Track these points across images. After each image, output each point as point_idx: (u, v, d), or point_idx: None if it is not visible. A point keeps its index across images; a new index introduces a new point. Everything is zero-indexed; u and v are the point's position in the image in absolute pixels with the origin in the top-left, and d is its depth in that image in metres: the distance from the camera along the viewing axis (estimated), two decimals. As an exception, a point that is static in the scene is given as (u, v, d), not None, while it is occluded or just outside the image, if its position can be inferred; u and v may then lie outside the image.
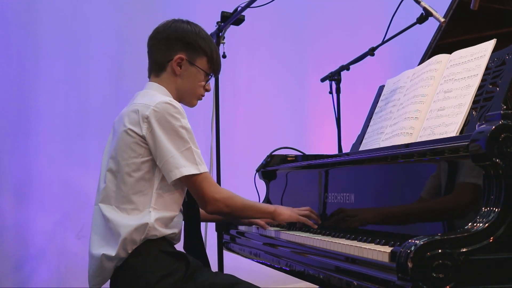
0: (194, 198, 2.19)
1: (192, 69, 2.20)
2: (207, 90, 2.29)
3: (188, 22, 2.24)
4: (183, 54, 2.17)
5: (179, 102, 2.21)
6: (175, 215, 2.05)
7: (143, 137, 1.99)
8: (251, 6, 2.74)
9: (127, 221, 1.97)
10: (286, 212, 2.23)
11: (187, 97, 2.24)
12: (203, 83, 2.24)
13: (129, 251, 1.96)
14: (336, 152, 3.19)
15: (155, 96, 2.07)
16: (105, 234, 2.02)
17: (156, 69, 2.20)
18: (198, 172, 2.01)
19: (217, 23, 2.89)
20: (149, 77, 2.24)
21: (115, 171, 2.05)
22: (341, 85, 3.16)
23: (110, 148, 2.11)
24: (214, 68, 2.27)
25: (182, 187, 2.08)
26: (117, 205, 2.02)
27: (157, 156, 1.99)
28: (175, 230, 2.06)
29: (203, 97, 2.30)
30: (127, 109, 2.08)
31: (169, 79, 2.19)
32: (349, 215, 2.05)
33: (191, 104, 2.28)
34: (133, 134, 2.01)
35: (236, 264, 3.28)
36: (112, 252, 1.97)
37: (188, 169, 1.98)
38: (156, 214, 1.98)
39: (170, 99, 2.05)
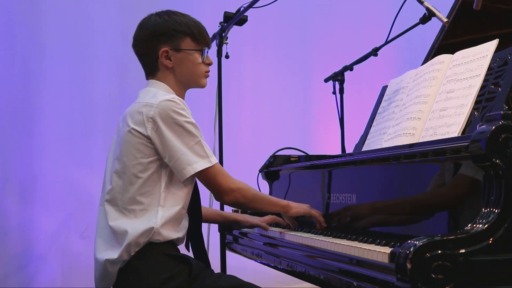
0: (198, 197, 2.20)
1: (181, 55, 2.14)
2: (209, 64, 2.23)
3: (156, 14, 2.20)
4: (165, 46, 2.13)
5: (188, 88, 2.20)
6: (183, 212, 2.05)
7: (148, 137, 1.98)
8: (254, 6, 2.74)
9: (133, 225, 1.95)
10: (299, 205, 2.24)
11: (192, 81, 2.20)
12: (199, 60, 2.18)
13: (132, 254, 1.95)
14: (339, 152, 3.19)
15: (157, 94, 2.05)
16: (109, 237, 2.01)
17: (150, 71, 2.18)
18: (211, 165, 2.01)
19: (220, 23, 2.89)
20: (147, 79, 2.21)
21: (121, 172, 2.02)
22: (345, 85, 3.16)
23: (115, 148, 2.10)
24: (202, 42, 2.19)
25: (190, 182, 2.07)
26: (124, 207, 2.00)
27: (166, 156, 1.97)
28: (179, 235, 2.04)
29: (209, 73, 2.23)
30: (131, 109, 2.07)
31: (166, 75, 2.15)
32: (351, 215, 2.05)
33: (201, 85, 2.22)
34: (137, 134, 1.99)
35: (240, 264, 3.27)
36: (114, 255, 1.95)
37: (201, 164, 1.98)
38: (164, 214, 1.97)
39: (172, 96, 2.03)
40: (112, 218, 2.01)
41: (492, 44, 1.92)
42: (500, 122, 1.38)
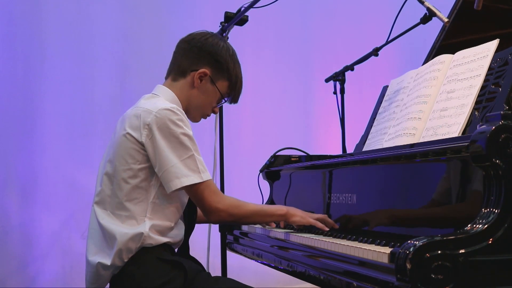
0: (193, 207, 2.17)
1: (210, 87, 2.15)
2: (214, 113, 2.25)
3: (225, 41, 2.21)
4: (208, 69, 2.12)
5: (186, 112, 2.16)
6: (172, 226, 2.01)
7: (142, 143, 1.95)
8: (255, 6, 2.73)
9: (122, 229, 1.93)
10: (299, 214, 2.16)
11: (194, 112, 2.19)
12: (214, 104, 2.20)
13: (125, 260, 1.93)
14: (340, 152, 3.19)
15: (159, 101, 2.02)
16: (99, 241, 1.99)
17: (177, 72, 2.15)
18: (201, 181, 1.95)
19: (221, 23, 2.89)
20: (166, 77, 2.19)
21: (111, 175, 2.00)
22: (346, 85, 3.16)
23: (109, 150, 2.07)
24: (232, 96, 2.22)
25: (181, 198, 2.04)
26: (112, 211, 1.98)
27: (157, 165, 1.93)
28: (170, 240, 2.01)
29: (208, 117, 2.26)
30: (130, 112, 2.04)
31: (185, 88, 2.13)
32: (351, 215, 2.05)
33: (194, 120, 2.23)
34: (132, 139, 1.96)
35: (241, 264, 3.27)
36: (107, 261, 1.93)
37: (189, 179, 1.93)
38: (153, 223, 1.94)
39: (172, 105, 2.00)
40: (101, 222, 1.99)
41: (493, 44, 1.92)
42: (500, 122, 1.38)
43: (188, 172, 1.94)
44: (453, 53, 2.12)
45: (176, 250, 2.13)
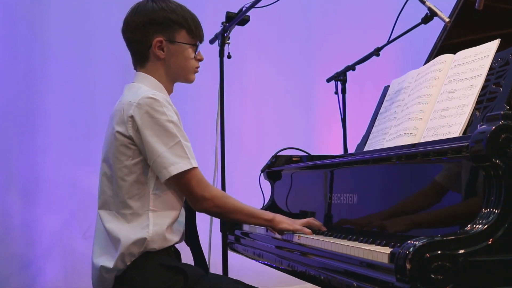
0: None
1: (174, 47, 2.07)
2: (200, 60, 2.16)
3: (152, 0, 2.10)
4: (160, 36, 2.04)
5: (176, 82, 2.14)
6: (177, 214, 1.99)
7: (129, 137, 1.91)
8: (256, 6, 2.74)
9: (126, 232, 1.91)
10: (286, 221, 2.12)
11: (181, 75, 2.13)
12: (192, 55, 2.11)
13: (128, 263, 1.91)
14: (341, 152, 3.19)
15: (140, 89, 1.98)
16: (104, 244, 1.97)
17: (140, 60, 2.09)
18: (190, 167, 1.91)
19: (222, 23, 2.89)
20: (135, 69, 2.13)
21: (109, 175, 1.98)
22: (347, 85, 3.16)
23: (103, 149, 2.04)
24: (196, 36, 2.13)
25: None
26: (117, 210, 1.95)
27: (147, 156, 1.91)
28: (176, 238, 2.00)
29: (198, 68, 2.16)
30: (116, 107, 2.00)
31: (156, 66, 2.07)
32: (352, 215, 2.05)
33: (189, 80, 2.15)
34: (120, 136, 1.93)
35: (242, 264, 3.27)
36: (110, 264, 1.92)
37: (176, 167, 1.89)
38: (157, 221, 1.92)
39: (153, 92, 1.95)
40: (106, 226, 1.97)
41: (494, 44, 1.92)
42: (501, 122, 1.38)
43: (176, 160, 1.90)
44: (454, 53, 2.12)
45: (183, 239, 2.10)
